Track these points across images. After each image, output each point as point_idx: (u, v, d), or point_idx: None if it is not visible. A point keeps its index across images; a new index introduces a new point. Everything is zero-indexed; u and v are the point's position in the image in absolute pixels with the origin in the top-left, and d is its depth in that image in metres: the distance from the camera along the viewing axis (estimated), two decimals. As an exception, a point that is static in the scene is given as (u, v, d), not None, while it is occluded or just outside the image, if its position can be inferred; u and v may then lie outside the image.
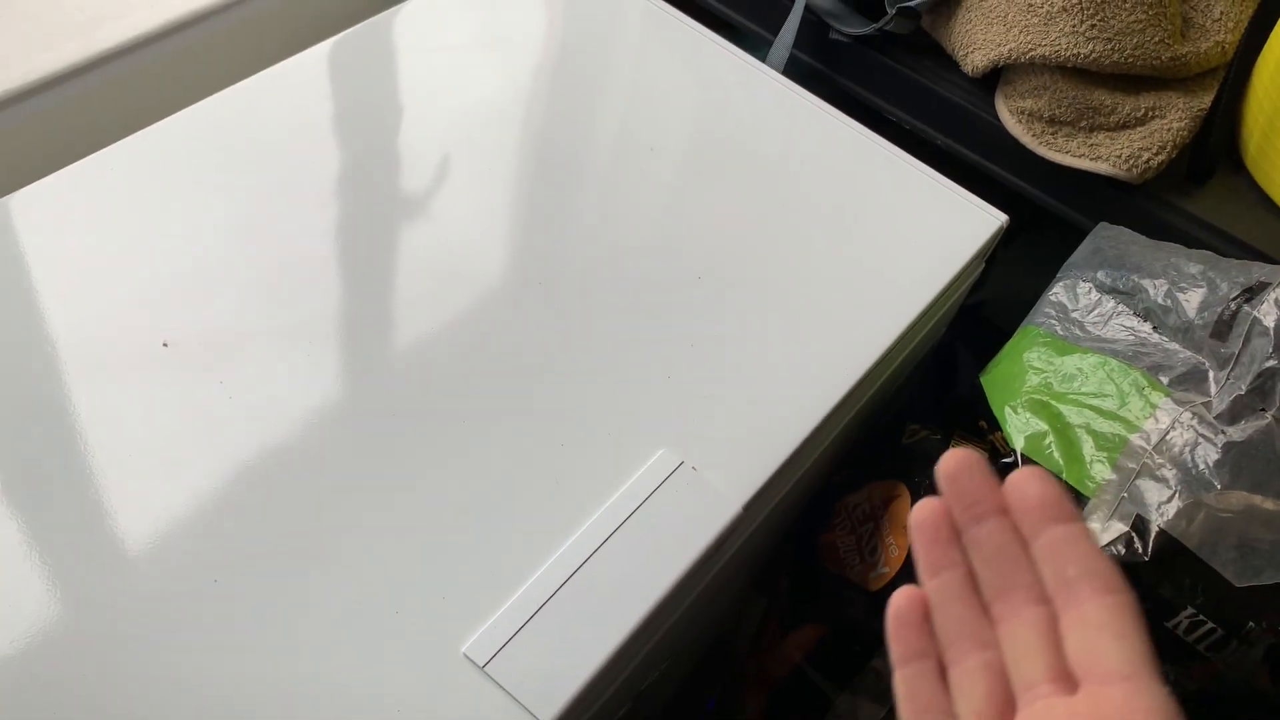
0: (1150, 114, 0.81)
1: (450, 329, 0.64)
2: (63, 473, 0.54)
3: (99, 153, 0.68)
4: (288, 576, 0.53)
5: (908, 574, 0.70)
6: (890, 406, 0.86)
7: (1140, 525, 0.62)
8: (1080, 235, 0.84)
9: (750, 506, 0.61)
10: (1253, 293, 0.66)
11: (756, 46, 0.96)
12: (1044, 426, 0.68)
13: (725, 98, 0.82)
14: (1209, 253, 0.72)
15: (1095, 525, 0.63)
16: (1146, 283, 0.71)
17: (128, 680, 0.49)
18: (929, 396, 0.96)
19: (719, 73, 0.84)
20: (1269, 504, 0.62)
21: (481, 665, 0.52)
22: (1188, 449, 0.63)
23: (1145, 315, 0.70)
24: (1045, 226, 0.96)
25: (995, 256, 0.83)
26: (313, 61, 0.77)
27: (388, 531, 0.55)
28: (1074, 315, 0.73)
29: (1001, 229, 0.78)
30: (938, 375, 0.97)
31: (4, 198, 0.64)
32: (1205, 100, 0.83)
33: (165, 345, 0.60)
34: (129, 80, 0.77)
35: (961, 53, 0.86)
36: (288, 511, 0.55)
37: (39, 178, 0.65)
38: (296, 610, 0.52)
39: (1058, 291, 0.76)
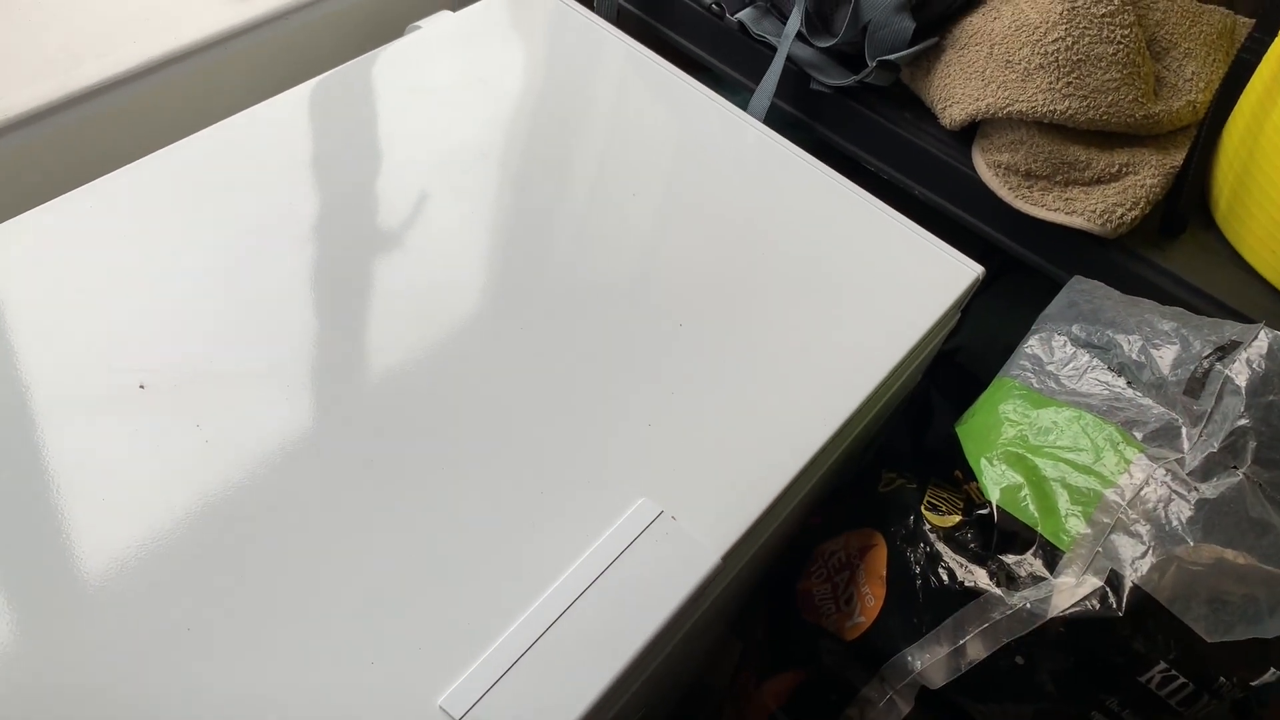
0: (1124, 170, 0.82)
1: (429, 375, 0.64)
2: (36, 516, 0.54)
3: (76, 190, 0.67)
4: (263, 626, 0.52)
5: (883, 624, 0.70)
6: (866, 452, 0.87)
7: (1115, 580, 0.63)
8: (1053, 284, 0.85)
9: (729, 557, 0.61)
10: (1225, 351, 0.67)
11: (735, 91, 0.97)
12: (1019, 479, 0.69)
13: (707, 145, 0.83)
14: (1182, 310, 0.74)
15: (1070, 579, 0.64)
16: (1121, 338, 0.72)
17: (96, 732, 0.48)
18: (904, 442, 0.97)
19: (701, 119, 0.85)
20: (1239, 559, 0.63)
21: (458, 718, 0.51)
22: (1161, 505, 0.64)
23: (1119, 370, 0.71)
24: (1017, 274, 0.97)
25: (969, 304, 0.84)
26: (295, 101, 0.76)
27: (364, 581, 0.55)
28: (1049, 369, 0.74)
29: (978, 280, 0.78)
30: (913, 421, 0.98)
31: (-20, 235, 0.64)
32: (1177, 157, 0.84)
33: (142, 387, 0.59)
34: (109, 118, 0.76)
35: (940, 106, 0.87)
36: (262, 560, 0.55)
37: (15, 214, 0.65)
38: (271, 660, 0.51)
39: (1033, 344, 0.77)
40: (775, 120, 0.90)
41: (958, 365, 1.04)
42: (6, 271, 0.63)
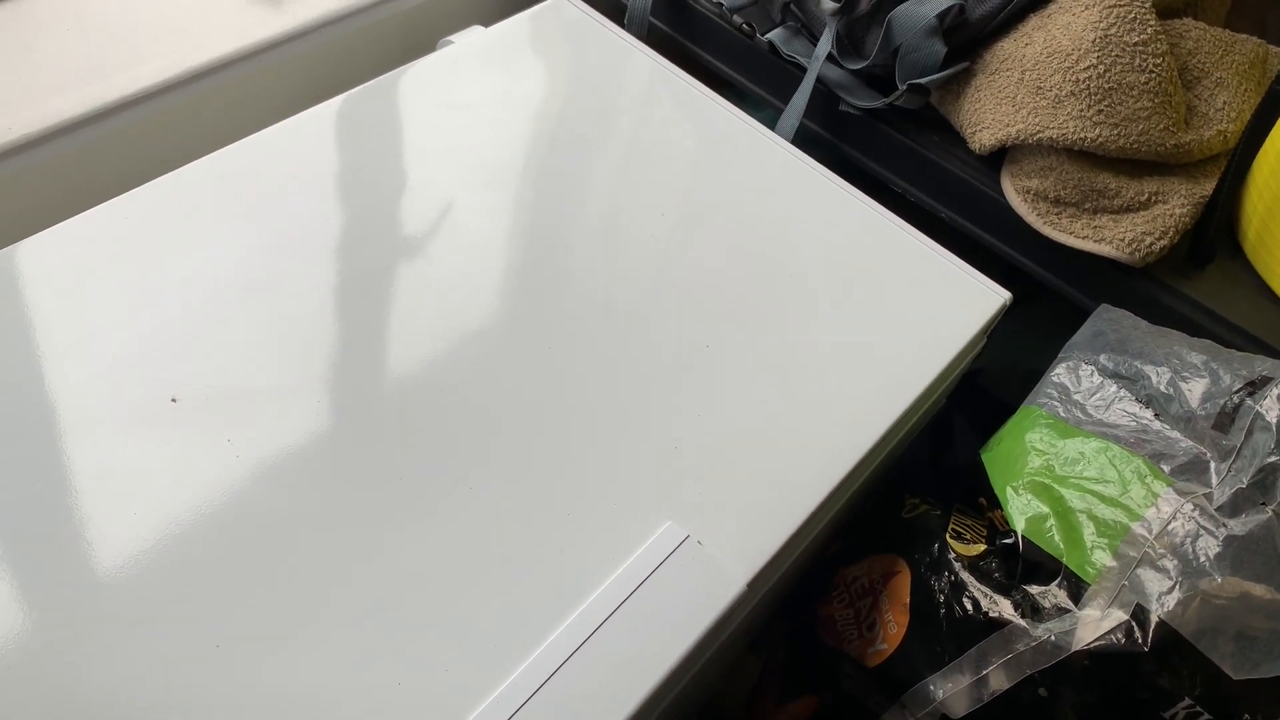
0: (1153, 199, 0.82)
1: (456, 393, 0.64)
2: (67, 527, 0.54)
3: (109, 202, 0.67)
4: (290, 644, 0.53)
5: (906, 651, 0.70)
6: (888, 475, 0.87)
7: (1140, 615, 0.62)
8: (1077, 311, 0.85)
9: (754, 583, 0.61)
10: (1255, 386, 0.67)
11: (759, 107, 0.97)
12: (1045, 509, 0.68)
13: (735, 164, 0.83)
14: (1211, 342, 0.73)
15: (1095, 612, 0.64)
16: (1149, 369, 0.72)
17: (125, 748, 0.48)
18: (926, 464, 0.97)
19: (729, 139, 0.85)
20: (1266, 594, 0.63)
21: (483, 742, 0.51)
22: (1189, 540, 0.63)
23: (1147, 402, 0.71)
24: (1041, 297, 0.97)
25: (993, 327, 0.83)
26: (324, 116, 0.77)
27: (392, 600, 0.55)
28: (1076, 398, 0.74)
29: (1005, 306, 0.78)
30: (935, 443, 0.98)
31: (12, 246, 0.64)
32: (1207, 187, 0.84)
33: (174, 400, 0.60)
34: (140, 130, 0.77)
35: (969, 130, 0.87)
36: (292, 577, 0.55)
37: (48, 225, 0.65)
38: (298, 678, 0.52)
39: (1060, 373, 0.76)
40: (801, 139, 0.90)
41: (979, 389, 1.04)
42: (40, 282, 0.63)
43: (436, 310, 0.68)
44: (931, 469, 0.95)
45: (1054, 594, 0.66)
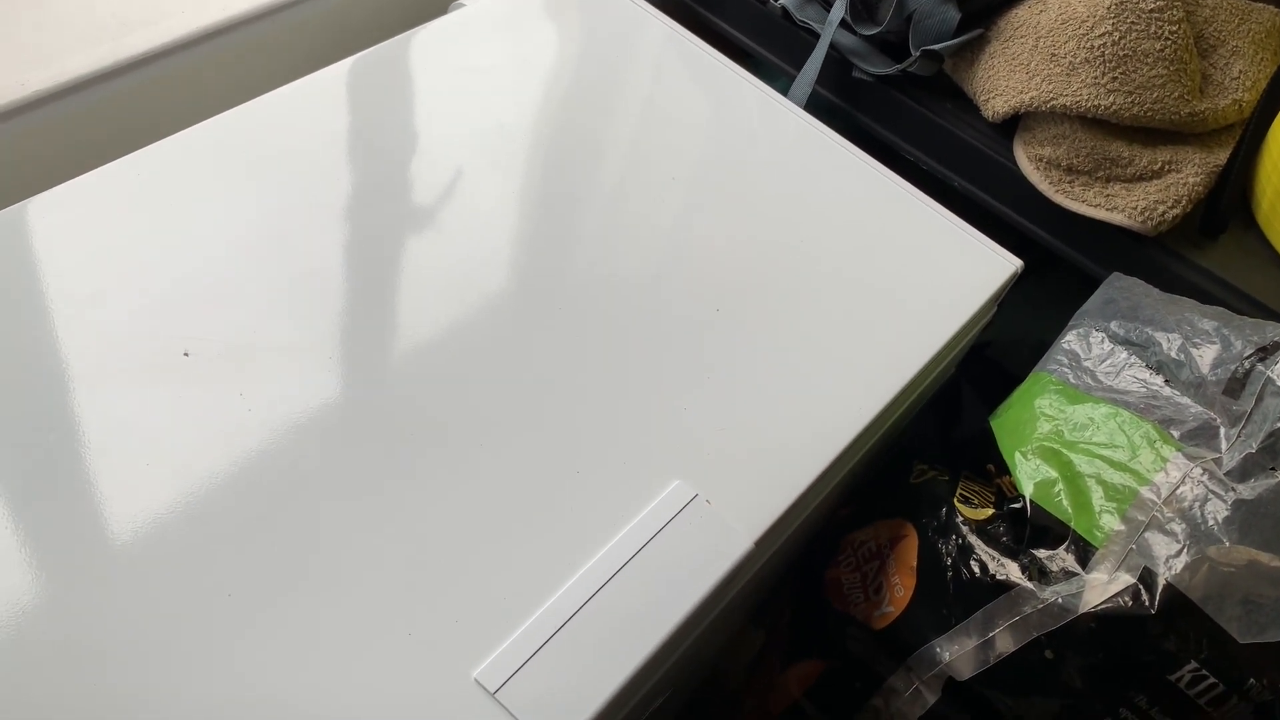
0: (1167, 167, 0.82)
1: (468, 352, 0.64)
2: (77, 481, 0.54)
3: (124, 158, 0.67)
4: (301, 594, 0.53)
5: (912, 614, 0.70)
6: (897, 442, 0.87)
7: (1148, 578, 0.63)
8: (1088, 282, 0.85)
9: (761, 542, 0.61)
10: (1266, 352, 0.67)
11: (773, 76, 0.97)
12: (1054, 474, 0.69)
13: (747, 130, 0.83)
14: (1222, 309, 0.73)
15: (1103, 575, 0.64)
16: (1160, 336, 0.71)
17: (135, 695, 0.49)
18: (935, 433, 0.97)
19: (742, 105, 0.85)
20: (1273, 561, 0.63)
21: (492, 691, 0.52)
22: (1197, 504, 0.64)
23: (1158, 368, 0.71)
24: (1051, 269, 0.97)
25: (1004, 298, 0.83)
26: (335, 78, 0.77)
27: (403, 553, 0.55)
28: (1086, 364, 0.74)
29: (1016, 274, 0.78)
30: (944, 412, 0.98)
31: (29, 199, 0.64)
32: (1221, 156, 0.84)
33: (186, 355, 0.60)
34: (158, 86, 0.77)
35: (983, 98, 0.87)
36: (304, 529, 0.55)
37: (64, 180, 0.65)
38: (309, 628, 0.52)
39: (1070, 340, 0.76)
40: (814, 106, 0.90)
41: (988, 358, 1.04)
42: (54, 237, 0.63)
43: (447, 272, 0.68)
44: (940, 438, 0.95)
45: (1061, 557, 0.66)
